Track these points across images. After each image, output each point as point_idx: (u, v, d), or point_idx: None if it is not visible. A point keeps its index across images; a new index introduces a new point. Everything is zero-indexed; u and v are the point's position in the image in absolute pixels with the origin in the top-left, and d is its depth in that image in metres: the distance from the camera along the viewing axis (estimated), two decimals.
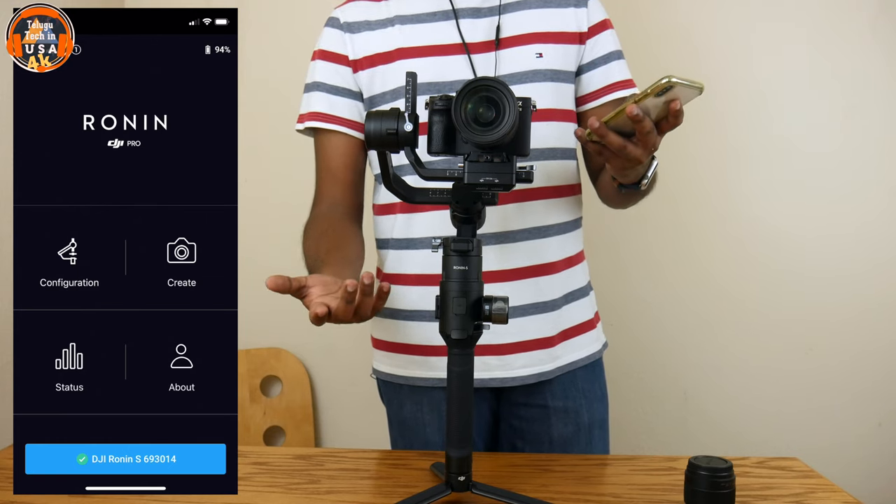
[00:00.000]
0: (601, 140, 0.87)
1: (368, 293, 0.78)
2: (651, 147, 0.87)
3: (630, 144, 0.86)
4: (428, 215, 1.09)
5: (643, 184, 0.98)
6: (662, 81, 0.79)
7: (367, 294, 0.78)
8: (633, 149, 0.87)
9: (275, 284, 0.77)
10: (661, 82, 0.79)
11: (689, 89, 0.81)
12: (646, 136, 0.84)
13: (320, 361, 1.93)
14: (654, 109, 0.84)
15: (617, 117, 0.84)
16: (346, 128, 1.13)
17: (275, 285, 0.77)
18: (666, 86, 0.79)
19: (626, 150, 0.86)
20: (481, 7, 1.09)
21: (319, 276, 0.85)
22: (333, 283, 0.84)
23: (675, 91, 0.81)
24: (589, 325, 1.17)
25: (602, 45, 1.13)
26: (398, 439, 1.19)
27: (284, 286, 0.78)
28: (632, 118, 0.82)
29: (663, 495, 0.90)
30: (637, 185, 0.99)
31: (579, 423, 1.14)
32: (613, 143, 0.86)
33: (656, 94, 0.80)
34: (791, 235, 1.78)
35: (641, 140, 0.85)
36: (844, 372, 1.78)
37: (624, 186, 1.01)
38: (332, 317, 0.79)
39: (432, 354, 1.11)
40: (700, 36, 1.78)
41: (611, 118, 0.85)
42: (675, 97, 0.82)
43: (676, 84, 0.79)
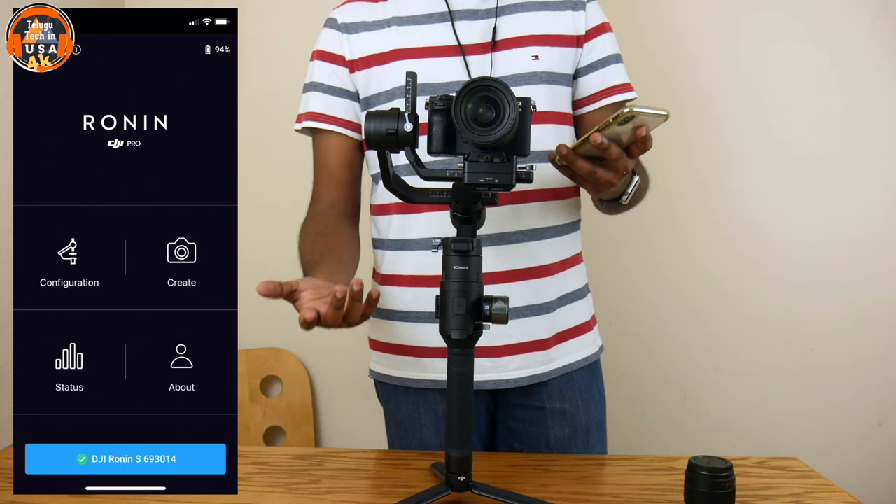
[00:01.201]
0: (570, 166, 0.90)
1: (358, 299, 0.79)
2: (622, 171, 0.90)
3: (599, 170, 0.89)
4: (424, 216, 1.09)
5: (623, 199, 0.99)
6: (624, 111, 0.81)
7: (357, 300, 0.79)
8: (602, 173, 0.89)
9: (266, 290, 0.77)
10: (622, 112, 0.81)
11: (652, 117, 0.83)
12: (615, 162, 0.87)
13: (320, 361, 1.93)
14: (624, 135, 0.86)
15: (584, 144, 0.87)
16: (343, 128, 1.13)
17: (266, 291, 0.77)
18: (627, 116, 0.81)
19: (596, 175, 0.89)
20: (478, 9, 1.09)
21: (311, 280, 0.85)
22: (325, 288, 0.84)
23: (639, 119, 0.83)
24: (585, 327, 1.17)
25: (600, 49, 1.13)
26: (395, 440, 1.19)
27: (275, 291, 0.78)
28: (596, 146, 0.84)
29: (663, 495, 0.90)
30: (618, 200, 1.00)
31: (576, 424, 1.14)
32: (582, 169, 0.89)
33: (619, 124, 0.83)
34: (791, 236, 1.78)
35: (612, 166, 0.88)
36: (844, 372, 1.78)
37: (605, 201, 1.03)
38: (322, 322, 0.78)
39: (427, 356, 1.11)
40: (699, 37, 1.78)
41: (579, 145, 0.88)
42: (641, 124, 0.84)
43: (638, 114, 0.81)
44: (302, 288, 0.82)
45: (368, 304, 0.81)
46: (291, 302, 0.82)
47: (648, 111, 0.81)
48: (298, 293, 0.82)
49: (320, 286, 0.84)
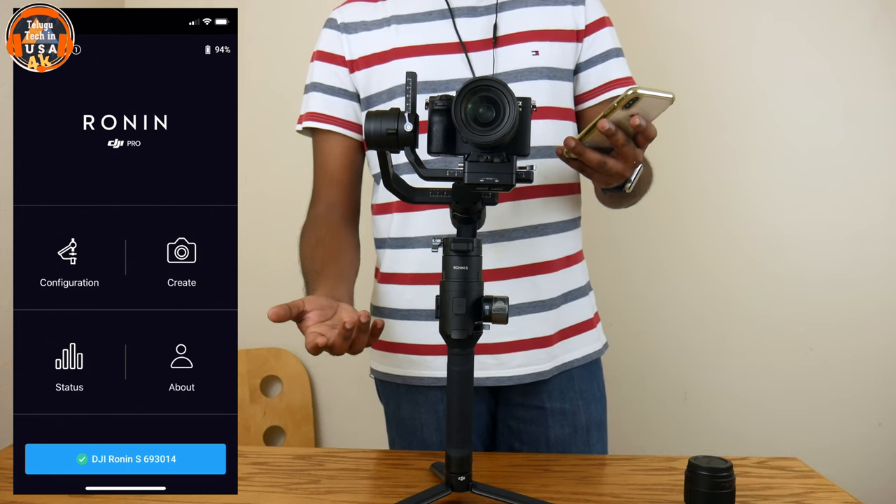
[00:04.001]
0: (580, 158, 0.89)
1: (364, 330, 0.82)
2: (631, 160, 0.89)
3: (610, 160, 0.88)
4: (424, 214, 1.09)
5: (627, 187, 0.98)
6: (628, 93, 0.79)
7: (364, 331, 0.82)
8: (613, 163, 0.89)
9: (276, 315, 0.80)
10: (627, 94, 0.80)
11: (658, 100, 0.82)
12: (622, 148, 0.86)
13: (320, 361, 1.93)
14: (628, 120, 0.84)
15: (591, 134, 0.86)
16: (343, 128, 1.13)
17: (276, 316, 0.80)
18: (632, 97, 0.80)
19: (607, 166, 0.88)
20: (477, 6, 1.09)
21: (315, 300, 0.86)
22: (329, 308, 0.86)
23: (644, 102, 0.81)
24: (588, 324, 1.17)
25: (600, 43, 1.13)
26: (396, 439, 1.19)
27: (286, 315, 0.81)
28: (604, 133, 0.83)
29: (663, 495, 0.90)
30: (620, 188, 1.00)
31: (576, 424, 1.14)
32: (592, 160, 0.88)
33: (624, 107, 0.81)
34: (792, 235, 1.78)
35: (620, 153, 0.87)
36: (845, 372, 1.78)
37: (607, 190, 1.02)
38: (329, 349, 0.81)
39: (428, 354, 1.11)
40: (700, 35, 1.78)
41: (585, 134, 0.87)
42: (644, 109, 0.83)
43: (643, 95, 0.80)
44: (308, 309, 0.84)
45: (372, 334, 0.84)
46: (297, 322, 0.84)
47: (653, 93, 0.80)
48: (304, 314, 0.84)
49: (324, 306, 0.86)
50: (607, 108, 0.83)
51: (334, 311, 0.86)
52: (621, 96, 0.80)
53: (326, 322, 0.84)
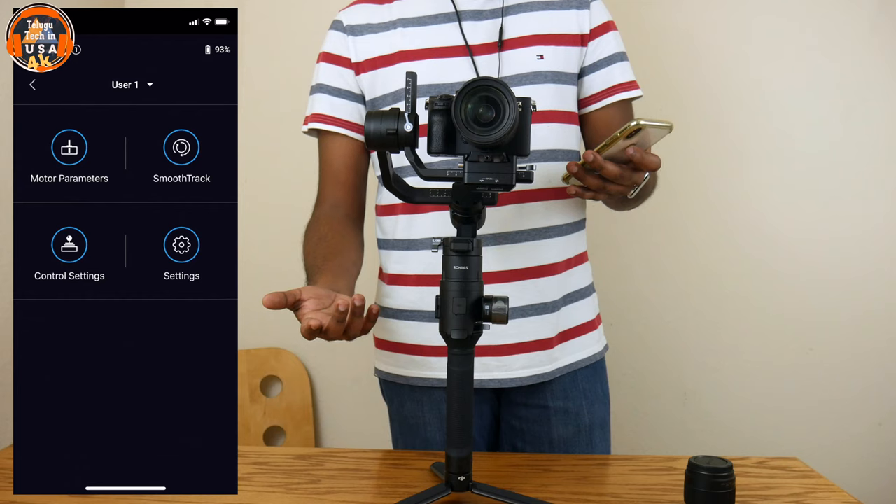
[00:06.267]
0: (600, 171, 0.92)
1: (359, 314, 0.82)
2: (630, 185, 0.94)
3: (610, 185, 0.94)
4: (429, 216, 1.09)
5: (630, 194, 1.00)
6: (631, 125, 0.84)
7: (358, 315, 0.82)
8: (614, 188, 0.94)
9: (271, 302, 0.79)
10: (630, 125, 0.84)
11: (658, 129, 0.86)
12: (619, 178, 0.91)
13: (320, 361, 1.93)
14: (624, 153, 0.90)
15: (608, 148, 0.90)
16: (348, 130, 1.14)
17: (271, 303, 0.79)
18: (635, 129, 0.84)
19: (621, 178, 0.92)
20: (483, 9, 1.09)
21: (313, 289, 0.86)
22: (327, 297, 0.86)
23: (645, 132, 0.86)
24: (590, 326, 1.17)
25: (604, 48, 1.13)
26: (399, 438, 1.19)
27: (281, 302, 0.80)
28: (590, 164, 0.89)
29: (663, 495, 0.90)
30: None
31: (579, 424, 1.14)
32: (611, 172, 0.91)
33: (626, 137, 0.85)
34: (792, 235, 1.78)
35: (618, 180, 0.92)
36: (844, 372, 1.78)
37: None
38: (323, 333, 0.80)
39: (432, 354, 1.11)
40: (700, 36, 1.78)
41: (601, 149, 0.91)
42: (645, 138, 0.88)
43: (645, 126, 0.84)
44: (304, 297, 0.84)
45: (368, 320, 0.84)
46: (294, 311, 0.83)
47: (655, 124, 0.84)
48: (301, 302, 0.83)
49: (322, 295, 0.85)
50: (609, 137, 0.87)
51: (332, 300, 0.85)
52: (624, 127, 0.84)
53: (323, 310, 0.84)
